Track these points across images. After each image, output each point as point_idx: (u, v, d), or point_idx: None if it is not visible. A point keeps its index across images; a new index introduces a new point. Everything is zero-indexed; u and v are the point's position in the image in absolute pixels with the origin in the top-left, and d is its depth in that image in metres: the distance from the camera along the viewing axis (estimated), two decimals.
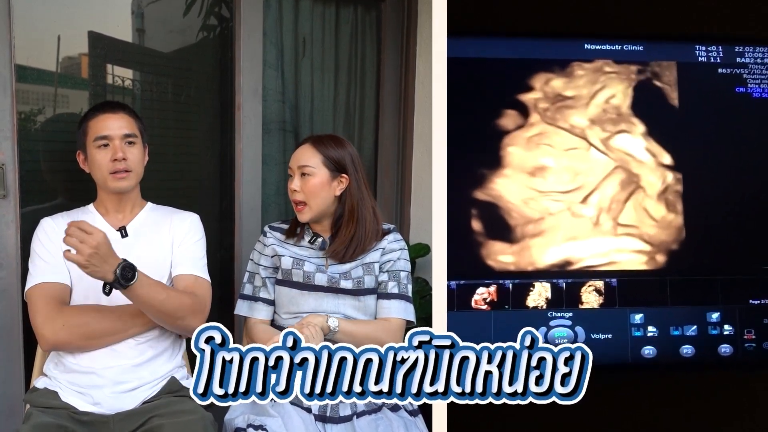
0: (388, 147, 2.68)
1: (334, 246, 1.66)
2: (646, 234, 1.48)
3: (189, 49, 2.16)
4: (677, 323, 1.48)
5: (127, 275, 1.39)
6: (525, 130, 1.47)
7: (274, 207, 2.34)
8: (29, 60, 1.75)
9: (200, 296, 1.58)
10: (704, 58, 1.52)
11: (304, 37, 2.40)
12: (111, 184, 1.58)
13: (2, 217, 1.69)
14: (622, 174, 1.49)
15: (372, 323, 1.64)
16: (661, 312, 1.48)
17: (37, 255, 1.55)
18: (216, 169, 2.24)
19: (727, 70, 1.52)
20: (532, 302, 1.45)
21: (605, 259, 1.47)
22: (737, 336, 1.49)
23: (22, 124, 1.73)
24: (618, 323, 1.47)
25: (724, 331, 1.49)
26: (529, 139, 1.47)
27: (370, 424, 1.55)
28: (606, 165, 1.48)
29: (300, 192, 1.65)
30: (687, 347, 1.48)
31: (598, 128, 1.49)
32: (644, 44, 1.50)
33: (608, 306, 1.47)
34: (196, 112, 2.18)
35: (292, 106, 2.39)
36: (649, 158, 1.49)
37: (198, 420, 1.44)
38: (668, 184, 1.50)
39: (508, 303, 1.44)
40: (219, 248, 2.19)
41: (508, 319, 1.44)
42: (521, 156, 1.46)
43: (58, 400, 1.48)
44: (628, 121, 1.49)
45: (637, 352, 1.47)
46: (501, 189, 1.45)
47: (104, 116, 1.57)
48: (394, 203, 2.71)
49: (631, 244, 1.48)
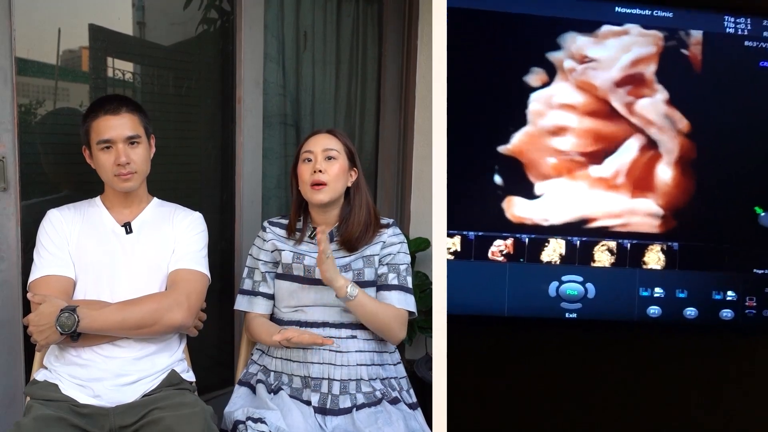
0: (389, 140, 2.68)
1: (347, 233, 1.66)
2: (659, 199, 1.51)
3: (190, 42, 2.15)
4: (683, 286, 1.52)
5: (68, 323, 1.43)
6: (550, 89, 1.47)
7: (275, 200, 2.34)
8: (30, 53, 1.74)
9: (181, 290, 1.56)
10: (732, 29, 1.51)
11: (306, 30, 2.39)
12: (116, 185, 1.59)
13: (3, 210, 1.69)
14: (641, 139, 1.50)
15: (384, 305, 1.64)
16: (668, 274, 1.52)
17: (42, 246, 1.56)
18: (217, 162, 2.24)
19: (753, 42, 1.52)
20: (547, 257, 1.48)
21: (619, 221, 1.50)
22: (739, 302, 1.54)
23: (22, 117, 1.73)
24: (627, 283, 1.51)
25: (727, 296, 1.53)
26: (553, 99, 1.47)
27: (370, 417, 1.56)
28: (626, 129, 1.50)
29: (325, 173, 1.64)
30: (691, 309, 1.52)
31: (621, 92, 1.49)
32: (674, 11, 1.50)
33: (619, 266, 1.50)
34: (197, 105, 2.18)
35: (293, 99, 2.39)
36: (668, 125, 1.51)
37: (198, 413, 1.44)
38: (685, 151, 1.52)
39: (523, 256, 1.47)
40: (219, 241, 2.19)
41: (523, 271, 1.47)
42: (545, 115, 1.47)
43: (58, 393, 1.48)
44: (651, 87, 1.50)
45: (643, 311, 1.51)
46: (523, 146, 1.46)
47: (106, 118, 1.56)
48: (395, 197, 2.71)
49: (645, 207, 1.51)
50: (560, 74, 1.47)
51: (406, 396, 1.68)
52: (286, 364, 1.63)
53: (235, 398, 1.65)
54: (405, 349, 2.59)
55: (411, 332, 2.34)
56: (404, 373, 1.73)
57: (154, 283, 1.58)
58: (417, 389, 1.73)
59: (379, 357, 1.67)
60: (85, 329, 1.45)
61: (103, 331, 1.48)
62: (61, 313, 1.43)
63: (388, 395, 1.63)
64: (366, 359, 1.63)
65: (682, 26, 1.51)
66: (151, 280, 1.57)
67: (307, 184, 1.65)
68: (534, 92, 1.46)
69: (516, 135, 1.45)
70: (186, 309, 1.54)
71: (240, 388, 1.68)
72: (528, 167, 1.46)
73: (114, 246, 1.58)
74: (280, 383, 1.63)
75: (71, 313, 1.43)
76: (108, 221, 1.61)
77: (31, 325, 1.44)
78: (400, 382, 1.69)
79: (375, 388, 1.62)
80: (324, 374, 1.60)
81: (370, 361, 1.64)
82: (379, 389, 1.63)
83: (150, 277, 1.58)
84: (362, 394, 1.61)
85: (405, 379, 1.72)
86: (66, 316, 1.43)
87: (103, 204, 1.63)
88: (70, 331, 1.43)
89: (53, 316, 1.42)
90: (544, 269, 1.48)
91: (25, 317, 1.46)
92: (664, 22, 1.50)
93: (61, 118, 1.86)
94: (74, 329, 1.43)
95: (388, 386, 1.65)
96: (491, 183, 1.45)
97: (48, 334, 1.43)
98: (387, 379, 1.66)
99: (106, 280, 1.55)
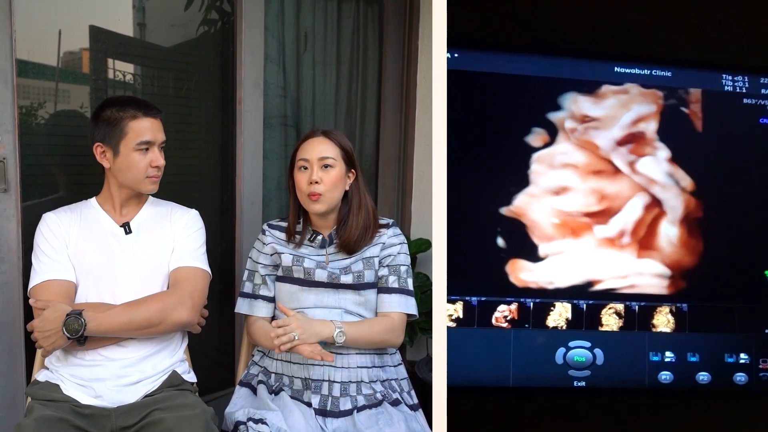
0: (389, 142, 2.68)
1: (345, 236, 1.66)
2: (666, 258, 1.48)
3: (190, 44, 2.16)
4: (694, 349, 1.48)
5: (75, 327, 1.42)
6: (552, 149, 1.46)
7: (275, 201, 2.34)
8: (30, 54, 1.75)
9: (184, 288, 1.56)
10: (730, 87, 1.52)
11: (306, 31, 2.39)
12: (145, 187, 1.59)
13: (3, 211, 1.69)
14: (645, 197, 1.49)
15: (375, 324, 1.63)
16: (678, 337, 1.48)
17: (41, 251, 1.55)
18: (217, 164, 2.25)
19: (752, 100, 1.53)
20: (552, 322, 1.44)
21: (626, 282, 1.47)
22: (753, 365, 1.49)
23: (23, 119, 1.73)
24: (636, 347, 1.47)
25: (740, 359, 1.49)
26: (555, 159, 1.46)
27: (371, 419, 1.56)
28: (630, 188, 1.49)
29: (321, 183, 1.63)
30: (703, 374, 1.48)
31: (623, 150, 1.49)
32: (672, 70, 1.51)
33: (627, 329, 1.46)
34: (197, 107, 2.18)
35: (293, 100, 2.39)
36: (672, 183, 1.50)
37: (199, 414, 1.45)
38: (690, 209, 1.50)
39: (528, 322, 1.43)
40: (220, 242, 2.19)
41: (528, 337, 1.43)
42: (547, 175, 1.45)
43: (59, 393, 1.49)
44: (652, 146, 1.50)
45: (654, 376, 1.47)
46: (526, 207, 1.44)
47: (148, 120, 1.56)
48: (395, 198, 2.71)
49: (651, 268, 1.48)
50: (562, 134, 1.46)
51: (407, 397, 1.68)
52: (287, 365, 1.63)
53: (236, 399, 1.65)
54: (406, 351, 2.59)
55: (412, 334, 2.34)
56: (405, 375, 1.73)
57: (156, 283, 1.58)
58: (418, 390, 1.73)
59: (380, 359, 1.66)
60: (92, 332, 1.45)
61: (110, 333, 1.48)
62: (68, 317, 1.42)
63: (389, 397, 1.63)
64: (366, 361, 1.63)
65: (681, 85, 1.51)
66: (152, 280, 1.57)
67: (305, 193, 1.65)
68: (536, 152, 1.44)
69: (518, 196, 1.43)
70: (190, 307, 1.54)
71: (241, 388, 1.68)
72: (531, 229, 1.43)
73: (113, 247, 1.58)
74: (281, 385, 1.63)
75: (78, 317, 1.43)
76: (106, 222, 1.61)
77: (36, 331, 1.43)
78: (401, 383, 1.69)
79: (376, 390, 1.62)
80: (324, 376, 1.60)
81: (371, 363, 1.64)
82: (380, 391, 1.63)
83: (151, 276, 1.58)
84: (363, 395, 1.60)
85: (406, 380, 1.72)
86: (72, 320, 1.42)
87: (100, 205, 1.63)
88: (77, 335, 1.42)
89: (59, 321, 1.42)
90: (551, 335, 1.43)
91: (29, 323, 1.46)
92: (663, 81, 1.51)
93: (62, 119, 1.86)
94: (81, 333, 1.43)
95: (389, 388, 1.65)
96: (494, 245, 1.41)
97: (54, 340, 1.43)
98: (388, 381, 1.66)
99: (108, 282, 1.55)
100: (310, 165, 1.64)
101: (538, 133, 1.45)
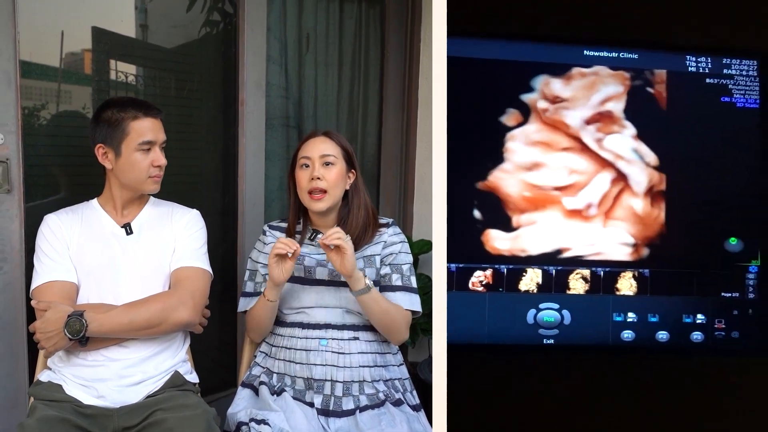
0: (391, 143, 2.68)
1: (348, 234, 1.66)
2: (631, 228, 1.61)
3: (192, 45, 2.16)
4: (654, 311, 1.62)
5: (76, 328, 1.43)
6: (525, 128, 1.58)
7: (277, 202, 2.35)
8: (33, 56, 1.75)
9: (186, 288, 1.57)
10: (694, 68, 1.64)
11: (308, 32, 2.39)
12: (147, 187, 1.59)
13: (7, 212, 1.69)
14: (612, 172, 1.61)
15: (393, 303, 1.64)
16: (640, 300, 1.62)
17: (43, 252, 1.55)
18: (219, 164, 2.25)
19: (714, 80, 1.64)
20: (524, 286, 1.58)
21: (593, 250, 1.60)
22: (709, 324, 1.63)
23: (26, 120, 1.73)
24: (601, 308, 1.61)
25: (696, 319, 1.63)
26: (528, 137, 1.58)
27: (373, 419, 1.56)
28: (598, 163, 1.61)
29: (323, 180, 1.64)
30: (662, 333, 1.62)
31: (592, 129, 1.61)
32: (639, 52, 1.62)
33: (593, 293, 1.60)
34: (199, 108, 2.18)
35: (295, 101, 2.39)
36: (637, 158, 1.62)
37: (201, 414, 1.45)
38: (653, 183, 1.62)
39: (502, 286, 1.57)
40: (221, 243, 2.19)
41: (502, 300, 1.57)
42: (520, 152, 1.58)
43: (62, 394, 1.49)
44: (620, 124, 1.62)
45: (617, 335, 1.61)
46: (500, 182, 1.57)
47: (149, 120, 1.57)
48: (397, 199, 2.71)
49: (617, 236, 1.61)
50: (534, 114, 1.58)
51: (409, 398, 1.68)
52: (289, 365, 1.63)
53: (238, 400, 1.65)
54: (408, 352, 2.59)
55: (414, 335, 2.33)
56: (407, 375, 1.73)
57: (157, 283, 1.58)
58: (420, 392, 1.73)
59: (382, 358, 1.66)
60: (94, 333, 1.45)
61: (112, 333, 1.49)
62: (69, 318, 1.43)
63: (392, 397, 1.63)
64: (369, 361, 1.63)
65: (647, 66, 1.62)
66: (153, 280, 1.58)
67: (305, 191, 1.65)
68: (510, 131, 1.57)
69: (493, 171, 1.56)
70: (191, 307, 1.55)
71: (243, 389, 1.68)
72: (505, 201, 1.56)
73: (115, 248, 1.58)
74: (283, 385, 1.63)
75: (79, 318, 1.43)
76: (107, 223, 1.61)
77: (38, 332, 1.44)
78: (403, 383, 1.69)
79: (378, 390, 1.62)
80: (327, 376, 1.60)
81: (373, 363, 1.64)
82: (382, 391, 1.63)
83: (152, 277, 1.58)
84: (365, 395, 1.61)
85: (408, 380, 1.72)
86: (74, 321, 1.43)
87: (101, 206, 1.63)
88: (79, 336, 1.43)
89: (60, 322, 1.43)
90: (522, 298, 1.58)
91: (31, 324, 1.47)
92: (630, 63, 1.62)
93: (64, 120, 1.86)
94: (83, 334, 1.43)
95: (392, 387, 1.65)
96: (471, 217, 1.54)
97: (56, 341, 1.43)
98: (390, 381, 1.66)
99: (109, 283, 1.55)
100: (312, 162, 1.65)
101: (512, 114, 1.57)
